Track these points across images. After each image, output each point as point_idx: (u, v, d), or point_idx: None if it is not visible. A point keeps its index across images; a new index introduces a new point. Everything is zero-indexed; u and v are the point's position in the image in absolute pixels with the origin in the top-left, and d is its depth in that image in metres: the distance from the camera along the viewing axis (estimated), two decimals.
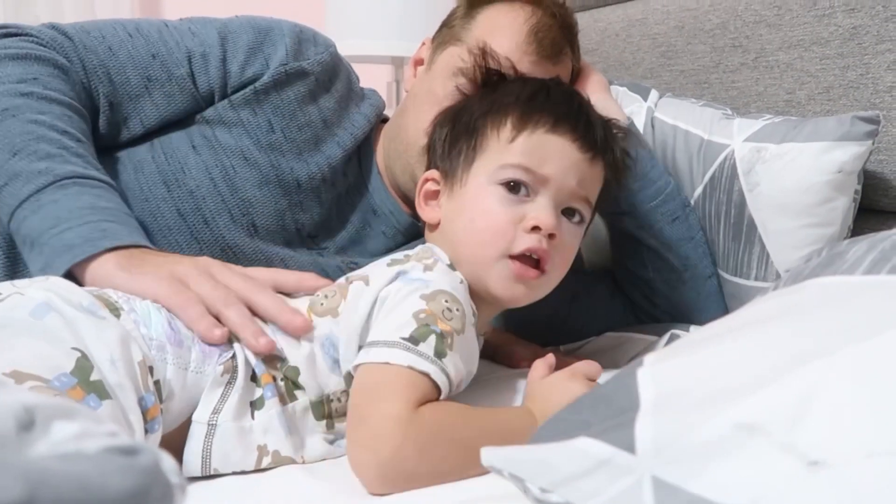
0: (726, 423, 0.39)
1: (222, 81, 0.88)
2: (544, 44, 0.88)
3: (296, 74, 0.89)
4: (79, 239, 0.70)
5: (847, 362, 0.40)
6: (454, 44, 0.90)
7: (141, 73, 0.85)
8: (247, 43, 0.88)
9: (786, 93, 0.99)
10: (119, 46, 0.85)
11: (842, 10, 0.91)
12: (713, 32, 1.10)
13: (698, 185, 0.95)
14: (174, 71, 0.87)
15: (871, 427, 0.36)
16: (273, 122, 0.88)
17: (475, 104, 0.80)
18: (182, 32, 0.89)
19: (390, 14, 1.59)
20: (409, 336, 0.63)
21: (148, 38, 0.87)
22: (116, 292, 0.66)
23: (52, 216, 0.71)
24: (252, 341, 0.66)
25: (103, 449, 0.31)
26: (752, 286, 0.90)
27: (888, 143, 0.87)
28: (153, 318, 0.65)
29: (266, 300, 0.70)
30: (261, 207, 0.87)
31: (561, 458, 0.43)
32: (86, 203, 0.72)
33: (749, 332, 0.48)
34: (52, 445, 0.31)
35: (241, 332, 0.67)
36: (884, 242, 0.52)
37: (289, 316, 0.69)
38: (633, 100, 1.04)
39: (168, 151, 0.86)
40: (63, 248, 0.70)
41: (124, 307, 0.64)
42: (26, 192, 0.72)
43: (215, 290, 0.68)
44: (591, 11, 1.40)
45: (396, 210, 0.96)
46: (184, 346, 0.65)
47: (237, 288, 0.70)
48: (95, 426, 0.33)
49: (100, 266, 0.70)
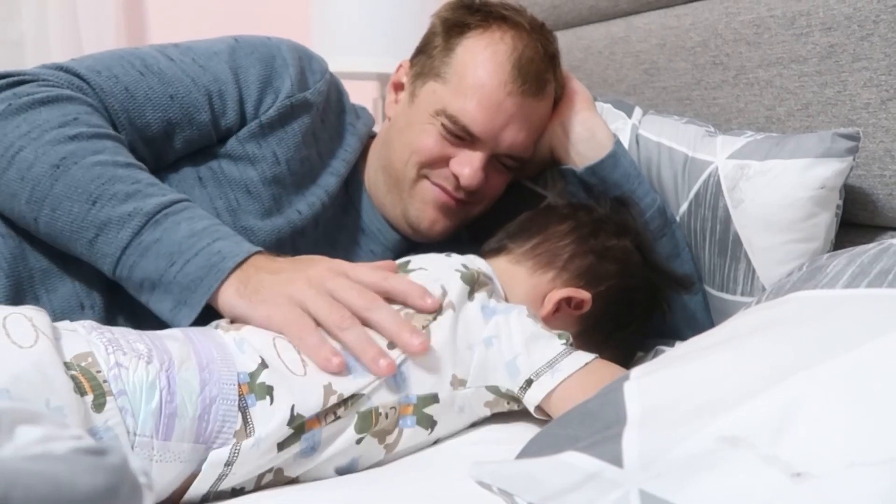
0: (711, 436, 0.40)
1: (240, 123, 0.87)
2: (529, 80, 0.87)
3: (300, 106, 0.88)
4: (202, 270, 0.70)
5: (828, 375, 0.41)
6: (434, 79, 0.89)
7: (161, 116, 0.82)
8: (257, 77, 0.87)
9: (766, 109, 1.01)
10: (135, 87, 0.81)
11: (819, 30, 0.93)
12: (694, 50, 1.12)
13: (683, 201, 0.96)
14: (195, 116, 0.84)
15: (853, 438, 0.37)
16: (278, 153, 0.87)
17: None
18: (190, 67, 0.85)
19: (376, 31, 1.59)
20: (562, 343, 0.70)
21: (161, 75, 0.83)
22: (108, 364, 0.57)
23: (163, 255, 0.71)
24: (373, 366, 0.64)
25: (72, 449, 0.31)
26: (739, 301, 0.91)
27: (866, 158, 0.89)
28: (144, 398, 0.57)
29: (384, 317, 0.67)
30: (263, 235, 0.86)
31: (549, 472, 0.43)
32: (186, 231, 0.72)
33: (733, 346, 0.48)
34: (16, 449, 0.31)
35: (362, 356, 0.65)
36: (862, 256, 0.53)
37: (408, 336, 0.66)
38: (617, 116, 1.05)
39: (175, 184, 0.85)
40: (192, 284, 0.70)
41: (114, 388, 0.56)
42: (125, 238, 0.71)
43: (332, 313, 0.67)
44: (575, 29, 1.42)
45: (384, 228, 0.96)
46: (174, 434, 0.57)
47: (355, 306, 0.68)
48: (60, 430, 0.33)
49: (224, 293, 0.69)
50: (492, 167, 0.90)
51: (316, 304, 0.67)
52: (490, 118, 0.86)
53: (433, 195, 0.90)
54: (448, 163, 0.88)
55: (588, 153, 0.93)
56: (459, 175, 0.87)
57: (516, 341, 0.69)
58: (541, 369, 0.67)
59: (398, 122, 0.93)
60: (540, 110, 0.91)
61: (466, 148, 0.88)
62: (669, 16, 1.18)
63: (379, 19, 1.58)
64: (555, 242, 0.83)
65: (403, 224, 0.93)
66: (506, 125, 0.87)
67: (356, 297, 0.68)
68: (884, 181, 0.88)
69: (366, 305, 0.68)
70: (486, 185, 0.90)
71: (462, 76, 0.87)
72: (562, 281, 0.81)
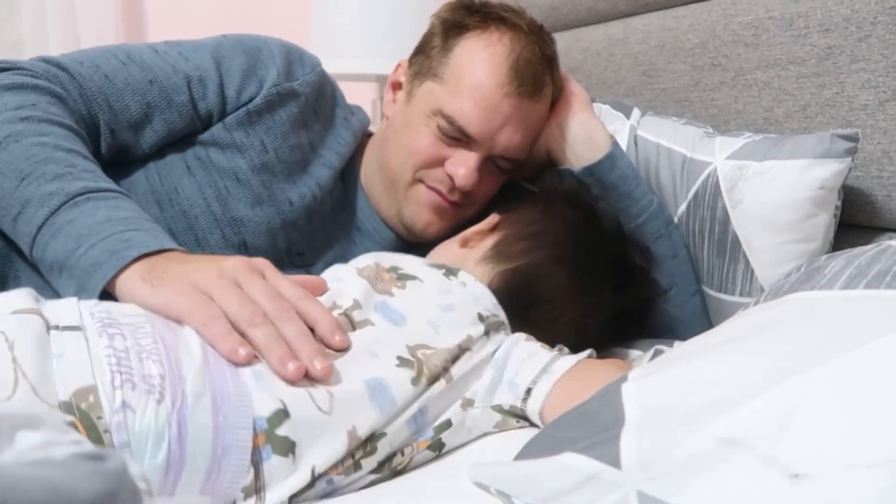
0: (709, 437, 0.40)
1: (221, 107, 0.87)
2: (525, 82, 0.87)
3: (287, 95, 0.89)
4: (104, 255, 0.65)
5: (827, 376, 0.41)
6: (431, 79, 0.90)
7: (140, 99, 0.83)
8: (240, 66, 0.88)
9: (764, 110, 1.01)
10: (115, 74, 0.82)
11: (817, 31, 0.93)
12: (693, 52, 1.12)
13: (682, 201, 0.96)
14: (174, 97, 0.85)
15: (851, 439, 0.37)
16: (266, 142, 0.88)
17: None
18: (174, 57, 0.87)
19: (374, 32, 1.59)
20: (556, 350, 0.72)
21: (142, 64, 0.85)
22: (112, 405, 0.50)
23: (73, 237, 0.67)
24: (278, 367, 0.57)
25: (71, 455, 0.31)
26: (737, 302, 0.91)
27: (864, 159, 0.89)
28: (150, 450, 0.51)
29: (292, 331, 0.60)
30: (253, 227, 0.87)
31: (548, 473, 0.43)
32: (103, 217, 0.68)
33: (731, 348, 0.48)
34: (17, 454, 0.31)
35: (268, 354, 0.58)
36: (860, 258, 0.53)
37: (309, 355, 0.58)
38: (615, 118, 1.05)
39: (163, 173, 0.86)
40: (92, 268, 0.65)
41: (115, 440, 0.50)
42: (41, 217, 0.68)
43: (242, 307, 0.60)
44: (573, 31, 1.42)
45: (380, 227, 0.96)
46: (178, 487, 0.51)
47: (265, 308, 0.61)
48: (60, 435, 0.33)
49: (127, 279, 0.64)
50: (486, 169, 0.91)
51: (224, 295, 0.61)
52: (486, 119, 0.86)
53: (428, 198, 0.90)
54: (443, 164, 0.89)
55: (585, 154, 0.93)
56: (454, 175, 0.88)
57: (516, 360, 0.71)
58: (537, 376, 0.69)
59: (395, 121, 0.94)
60: (536, 112, 0.91)
61: (462, 149, 0.88)
62: (668, 17, 1.19)
63: (377, 21, 1.58)
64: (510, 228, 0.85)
65: (398, 224, 0.94)
66: (502, 126, 0.88)
67: (267, 301, 0.61)
68: (882, 182, 0.88)
69: (276, 313, 0.61)
70: (480, 187, 0.91)
71: (459, 76, 0.88)
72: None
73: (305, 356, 0.59)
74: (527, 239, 0.82)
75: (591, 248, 0.84)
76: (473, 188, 0.89)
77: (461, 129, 0.87)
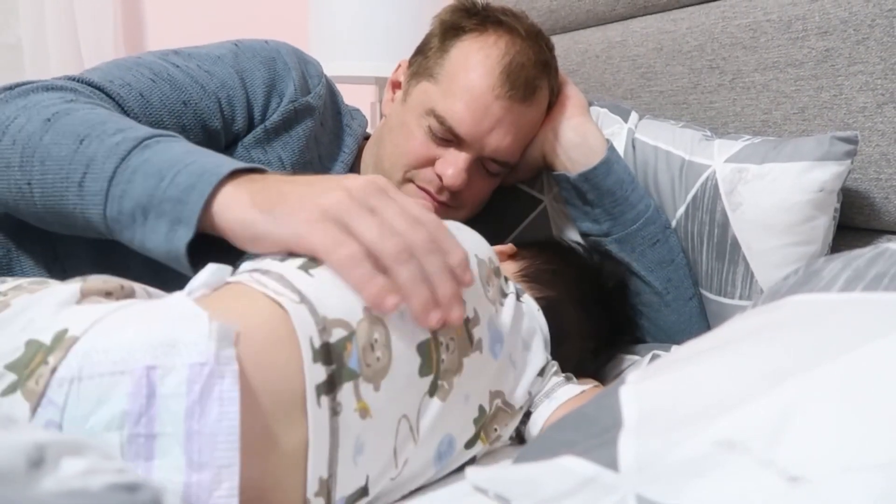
0: (707, 440, 0.40)
1: (246, 129, 0.87)
2: (518, 85, 0.87)
3: (303, 110, 0.88)
4: (194, 177, 0.56)
5: (824, 378, 0.41)
6: (427, 79, 0.91)
7: (176, 121, 0.80)
8: (262, 82, 0.86)
9: (762, 113, 1.01)
10: (150, 93, 0.79)
11: (815, 34, 0.93)
12: (691, 54, 1.12)
13: (680, 204, 0.96)
14: (208, 123, 0.83)
15: (848, 442, 0.37)
16: (283, 158, 0.88)
17: None
18: (196, 72, 0.84)
19: (373, 35, 1.60)
20: (563, 377, 0.71)
21: (172, 82, 0.81)
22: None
23: (152, 174, 0.58)
24: (421, 314, 0.50)
25: (107, 486, 0.32)
26: (737, 305, 0.91)
27: (862, 161, 0.89)
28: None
29: (438, 268, 0.51)
30: None
31: (546, 476, 0.43)
32: (181, 150, 0.60)
33: (729, 350, 0.48)
34: (59, 481, 0.31)
35: (412, 298, 0.50)
36: (858, 260, 0.53)
37: (462, 257, 0.52)
38: (613, 121, 1.06)
39: None
40: (184, 193, 0.55)
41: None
42: (111, 167, 0.60)
43: (383, 239, 0.51)
44: (572, 33, 1.42)
45: None
46: None
47: (409, 239, 0.51)
48: (104, 462, 0.34)
49: (232, 203, 0.54)
50: (476, 171, 0.91)
51: (362, 223, 0.51)
52: (476, 120, 0.87)
53: (417, 198, 0.91)
54: (434, 164, 0.89)
55: (580, 159, 0.94)
56: (443, 175, 0.88)
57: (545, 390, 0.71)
58: (538, 400, 0.69)
59: (391, 120, 0.95)
60: (528, 116, 0.92)
61: (452, 149, 0.89)
62: (666, 20, 1.19)
63: (376, 23, 1.59)
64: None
65: None
66: (492, 129, 0.88)
67: (409, 229, 0.52)
68: (880, 185, 0.88)
69: (421, 245, 0.51)
70: (469, 190, 0.91)
71: (453, 77, 0.88)
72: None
73: (446, 298, 0.51)
74: (551, 274, 0.83)
75: (599, 298, 0.87)
76: (462, 189, 0.89)
77: (451, 129, 0.87)
